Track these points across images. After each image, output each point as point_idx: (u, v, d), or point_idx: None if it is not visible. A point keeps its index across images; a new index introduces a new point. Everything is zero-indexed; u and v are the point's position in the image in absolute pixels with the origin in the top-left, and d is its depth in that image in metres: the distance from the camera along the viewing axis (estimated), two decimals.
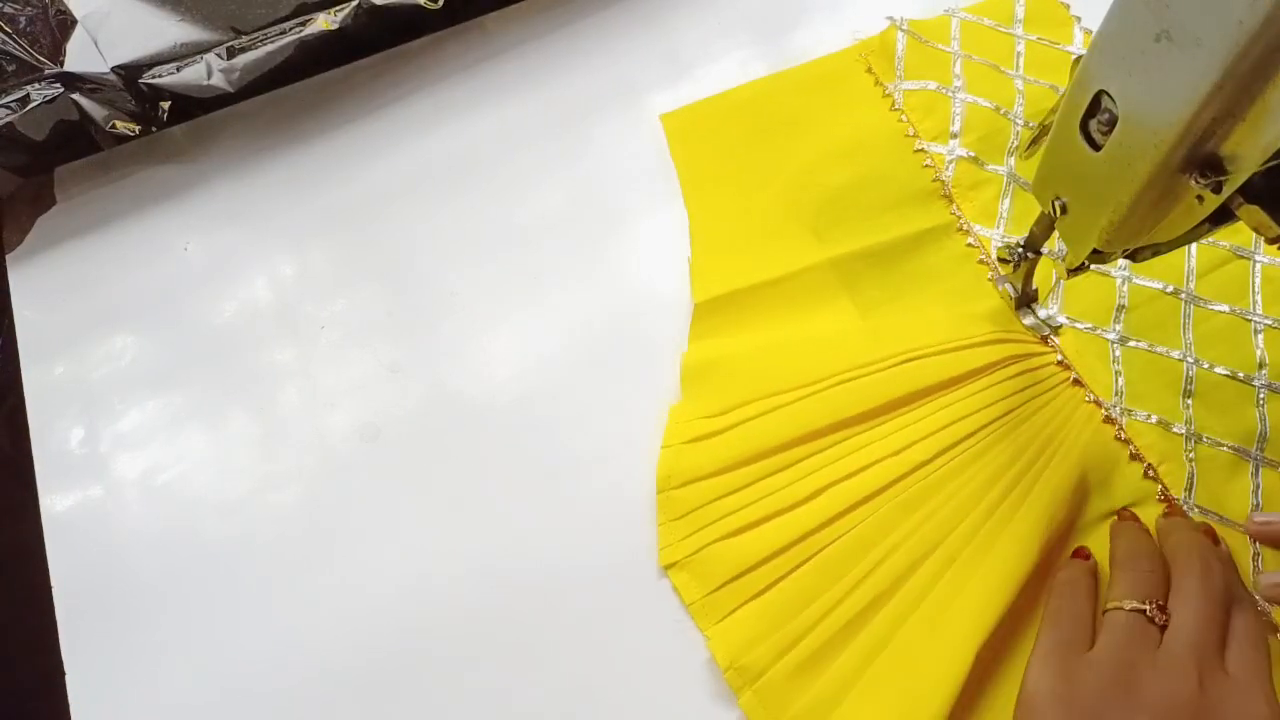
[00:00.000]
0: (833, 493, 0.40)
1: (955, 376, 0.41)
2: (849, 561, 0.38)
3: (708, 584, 0.39)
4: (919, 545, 0.38)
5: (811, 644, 0.37)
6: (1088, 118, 0.31)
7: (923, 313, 0.45)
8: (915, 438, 0.40)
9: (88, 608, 0.42)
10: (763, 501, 0.40)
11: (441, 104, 0.54)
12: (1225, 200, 0.29)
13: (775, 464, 0.41)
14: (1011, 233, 0.46)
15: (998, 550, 0.37)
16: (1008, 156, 0.48)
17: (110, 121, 0.49)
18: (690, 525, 0.40)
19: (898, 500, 0.39)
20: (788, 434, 0.41)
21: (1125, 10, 0.28)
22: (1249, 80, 0.26)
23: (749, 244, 0.48)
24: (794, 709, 0.36)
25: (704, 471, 0.41)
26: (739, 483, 0.41)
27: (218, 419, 0.46)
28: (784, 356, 0.44)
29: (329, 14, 0.50)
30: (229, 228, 0.51)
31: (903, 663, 0.36)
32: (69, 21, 0.49)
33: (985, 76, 0.51)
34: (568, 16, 0.56)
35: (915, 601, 0.37)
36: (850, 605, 0.37)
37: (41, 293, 0.50)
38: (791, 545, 0.39)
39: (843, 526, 0.39)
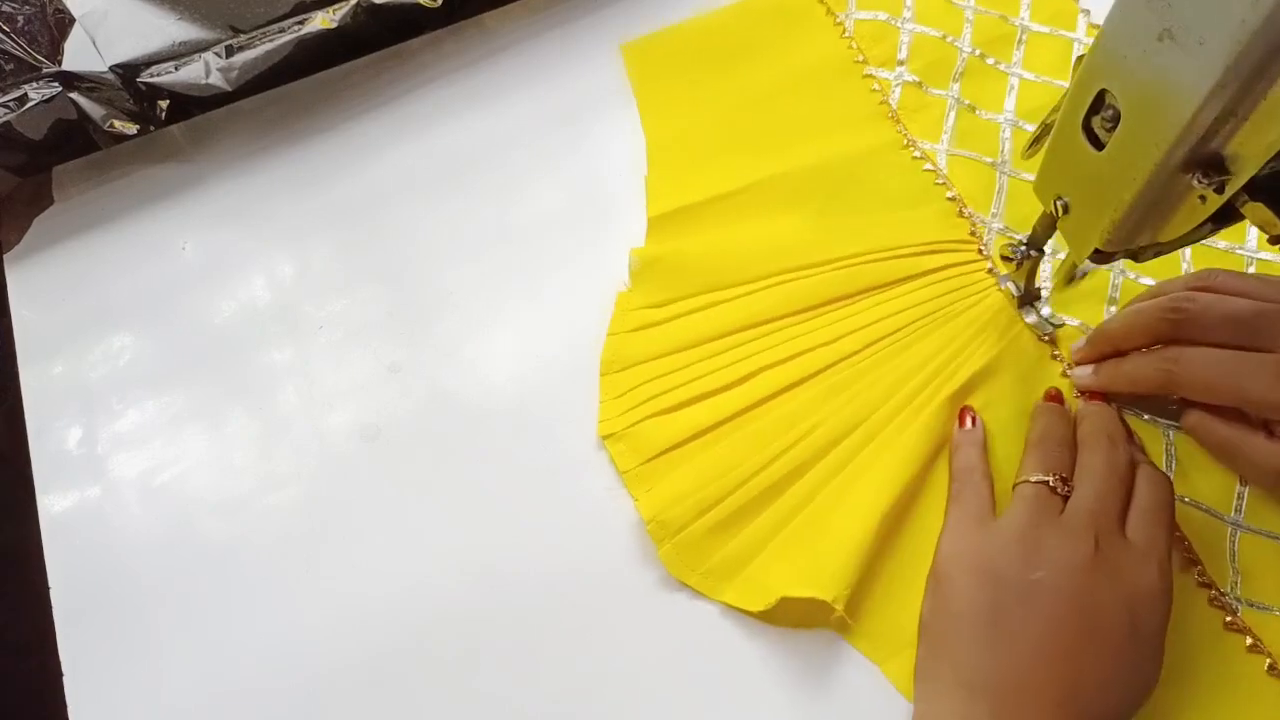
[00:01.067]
0: (764, 376, 0.42)
1: (892, 280, 0.44)
2: (774, 436, 0.41)
3: (641, 455, 0.42)
4: (841, 424, 0.41)
5: (731, 505, 0.39)
6: (1090, 116, 0.31)
7: (867, 219, 0.47)
8: (847, 330, 0.43)
9: (86, 608, 0.41)
10: (697, 382, 0.43)
11: (440, 103, 0.54)
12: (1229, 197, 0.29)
13: (712, 350, 0.43)
14: (957, 146, 0.49)
15: (912, 429, 0.40)
16: (952, 82, 0.51)
17: (108, 120, 0.48)
18: (628, 403, 0.43)
19: (825, 384, 0.42)
20: (727, 325, 0.44)
21: (1128, 9, 0.28)
22: (1251, 80, 0.26)
23: (703, 163, 0.50)
24: (710, 562, 0.39)
25: (645, 357, 0.44)
26: (676, 366, 0.43)
27: (216, 419, 0.46)
28: (730, 255, 0.46)
29: (327, 12, 0.50)
30: (227, 227, 0.51)
31: (814, 525, 0.39)
32: (67, 20, 0.49)
33: (935, 6, 0.53)
34: (567, 15, 0.56)
35: (832, 473, 0.40)
36: (771, 473, 0.40)
37: (39, 292, 0.50)
38: (722, 422, 0.41)
39: (770, 407, 0.42)
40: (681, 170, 0.50)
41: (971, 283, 0.44)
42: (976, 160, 0.48)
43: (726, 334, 0.43)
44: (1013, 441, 0.40)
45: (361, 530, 0.42)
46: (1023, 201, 0.46)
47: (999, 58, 0.52)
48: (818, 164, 0.48)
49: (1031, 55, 0.52)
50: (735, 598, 0.38)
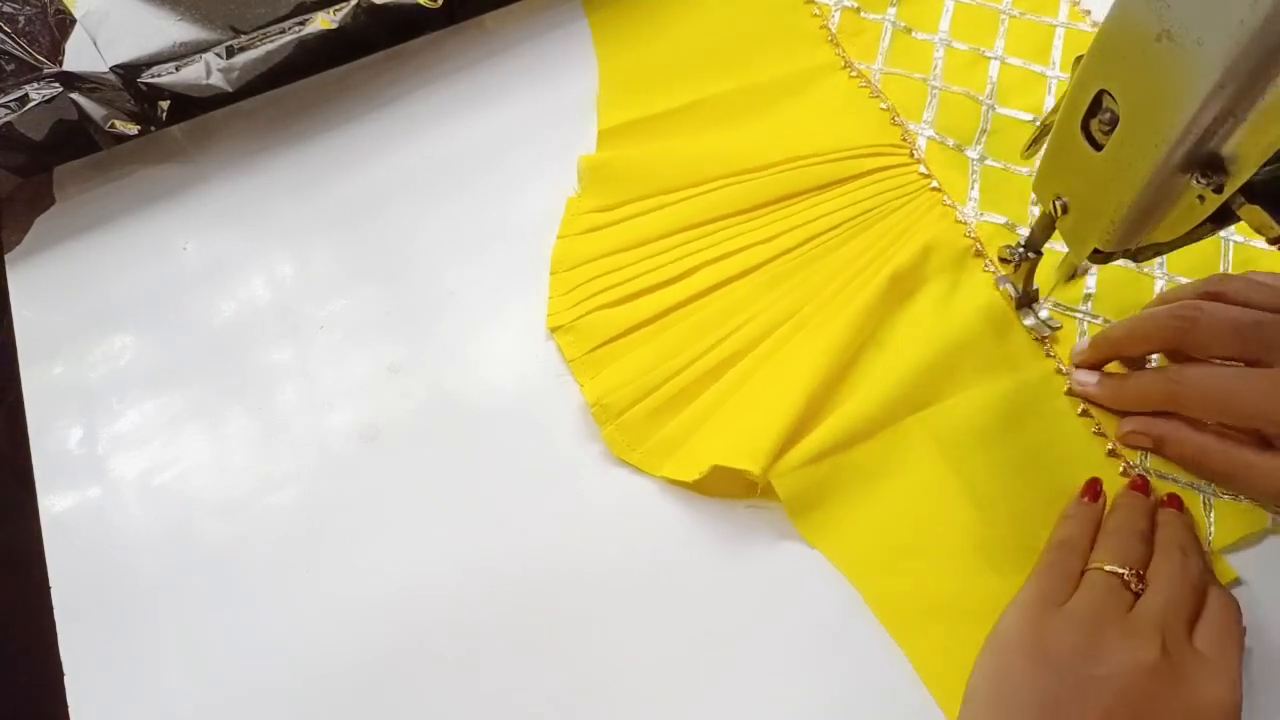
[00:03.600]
0: (706, 271, 0.45)
1: (827, 182, 0.47)
2: (713, 326, 0.44)
3: (587, 344, 0.45)
4: (776, 314, 0.44)
5: (671, 389, 0.43)
6: (1089, 117, 0.31)
7: (804, 128, 0.50)
8: (785, 229, 0.46)
9: (86, 608, 0.42)
10: (642, 278, 0.46)
11: (441, 103, 0.54)
12: (1226, 200, 0.29)
13: (656, 249, 0.46)
14: (891, 65, 0.52)
15: (842, 317, 0.43)
16: (890, 6, 0.54)
17: (109, 121, 0.48)
18: (576, 297, 0.46)
19: (763, 279, 0.45)
20: (671, 226, 0.47)
21: (1127, 10, 0.28)
22: (1250, 80, 0.26)
23: (652, 84, 0.52)
24: (650, 442, 0.42)
25: (592, 256, 0.47)
26: (622, 264, 0.46)
27: (216, 419, 0.46)
28: (675, 162, 0.49)
29: (328, 13, 0.50)
30: (228, 227, 0.51)
31: (747, 405, 0.41)
32: (68, 21, 0.49)
33: None
34: (568, 15, 0.56)
35: (766, 358, 0.43)
36: (709, 359, 0.43)
37: (40, 292, 0.50)
38: (664, 313, 0.45)
39: (710, 300, 0.45)
40: (632, 90, 0.52)
41: (903, 184, 0.47)
42: (909, 77, 0.52)
43: (670, 234, 0.46)
44: (936, 339, 0.43)
45: (361, 530, 0.43)
46: (953, 111, 0.50)
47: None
48: (760, 83, 0.51)
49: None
50: (672, 471, 0.41)
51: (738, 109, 0.51)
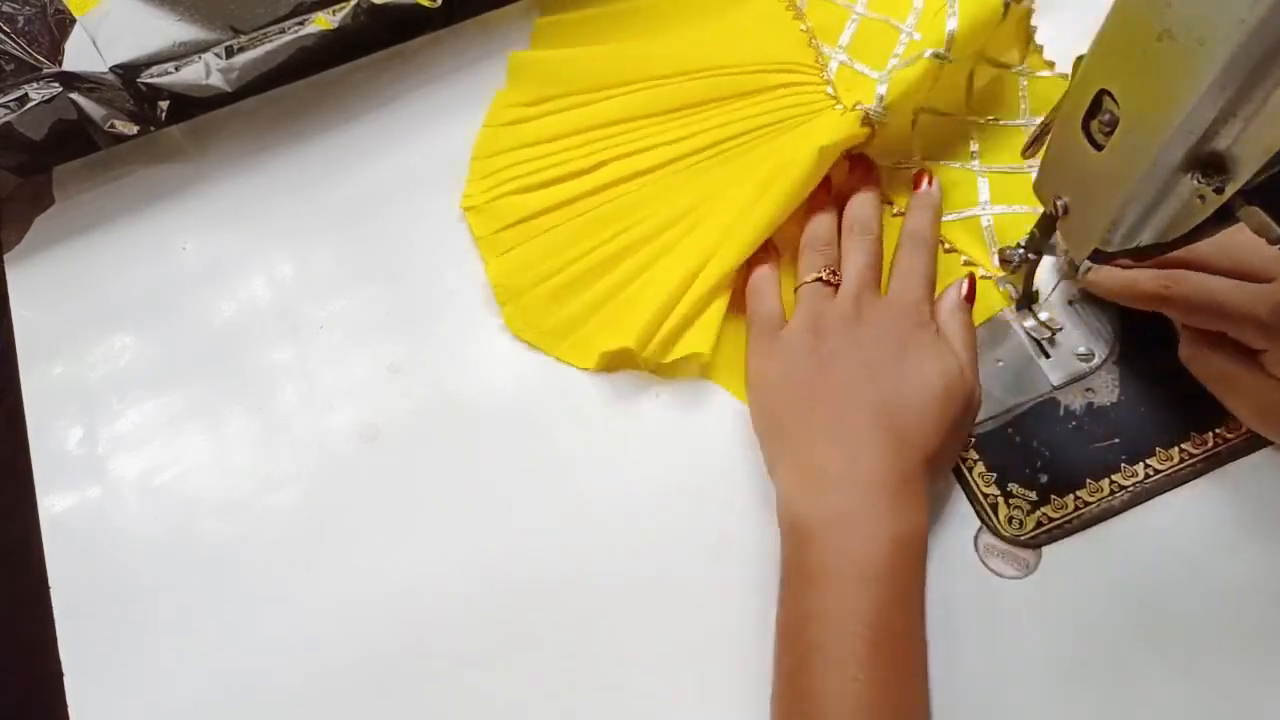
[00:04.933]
0: (614, 166, 0.48)
1: (739, 92, 0.49)
2: (616, 218, 0.47)
3: (495, 224, 0.47)
4: (673, 212, 0.46)
5: (570, 275, 0.46)
6: (1089, 117, 0.31)
7: (726, 42, 0.51)
8: (692, 133, 0.48)
9: (86, 608, 0.42)
10: (555, 168, 0.48)
11: (441, 103, 0.54)
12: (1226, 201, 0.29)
13: (571, 143, 0.48)
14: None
15: (734, 219, 0.45)
16: None
17: (109, 121, 0.48)
18: (491, 182, 0.49)
19: (666, 178, 0.47)
20: (587, 123, 0.49)
21: (1127, 9, 0.28)
22: (1251, 79, 0.26)
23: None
24: (547, 323, 0.45)
25: (511, 146, 0.49)
26: (538, 155, 0.49)
27: (216, 419, 0.46)
28: (598, 64, 0.51)
29: (328, 13, 0.50)
30: (228, 227, 0.51)
31: (638, 294, 0.45)
32: (67, 20, 0.49)
33: None
34: None
35: (660, 253, 0.46)
36: (607, 249, 0.46)
37: (40, 292, 0.50)
38: (571, 201, 0.47)
39: (616, 192, 0.47)
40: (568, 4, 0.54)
41: (809, 101, 0.49)
42: (834, 3, 0.52)
43: (586, 130, 0.49)
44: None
45: (361, 530, 0.43)
46: (871, 37, 0.50)
47: None
48: (690, 3, 0.53)
49: None
50: (567, 354, 0.45)
51: (668, 19, 0.52)
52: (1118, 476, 0.41)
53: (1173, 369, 0.43)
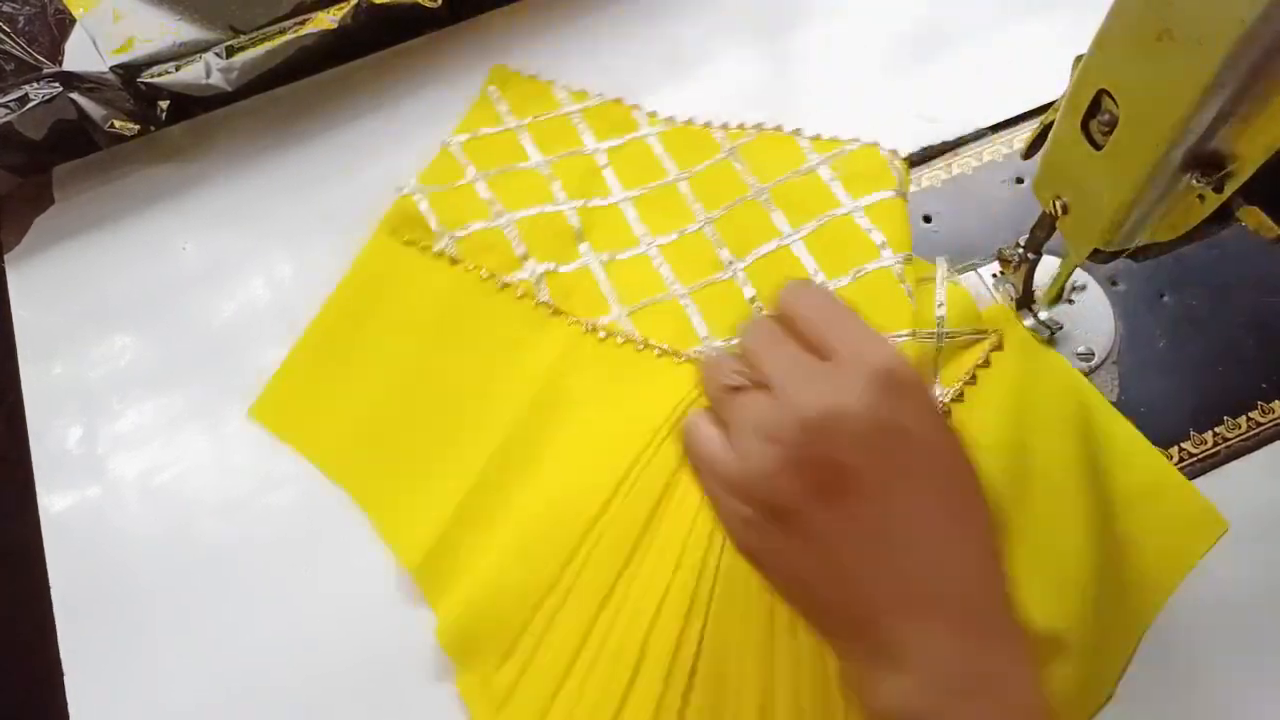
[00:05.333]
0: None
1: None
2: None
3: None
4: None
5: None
6: (1089, 117, 0.31)
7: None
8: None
9: (86, 607, 0.42)
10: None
11: (441, 103, 0.54)
12: (1226, 200, 0.29)
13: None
14: (625, 302, 0.45)
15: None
16: (579, 243, 0.47)
17: (109, 121, 0.48)
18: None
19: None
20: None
21: (1126, 9, 0.28)
22: (1250, 79, 0.26)
23: (414, 482, 0.43)
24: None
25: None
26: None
27: (216, 419, 0.46)
28: (510, 567, 0.40)
29: (328, 13, 0.50)
30: (228, 227, 0.51)
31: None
32: (67, 20, 0.49)
33: (517, 182, 0.49)
34: (567, 15, 0.56)
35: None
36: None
37: (40, 292, 0.50)
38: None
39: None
40: (402, 505, 0.43)
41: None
42: (657, 303, 0.45)
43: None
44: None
45: (359, 530, 0.42)
46: (724, 304, 0.44)
47: (599, 193, 0.48)
48: (522, 411, 0.43)
49: (621, 172, 0.49)
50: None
51: (514, 461, 0.42)
52: None
53: (1172, 369, 0.43)
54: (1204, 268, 0.45)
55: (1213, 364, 0.43)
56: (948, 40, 0.54)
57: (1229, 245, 0.45)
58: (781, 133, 0.49)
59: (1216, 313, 0.44)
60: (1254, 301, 0.44)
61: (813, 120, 0.50)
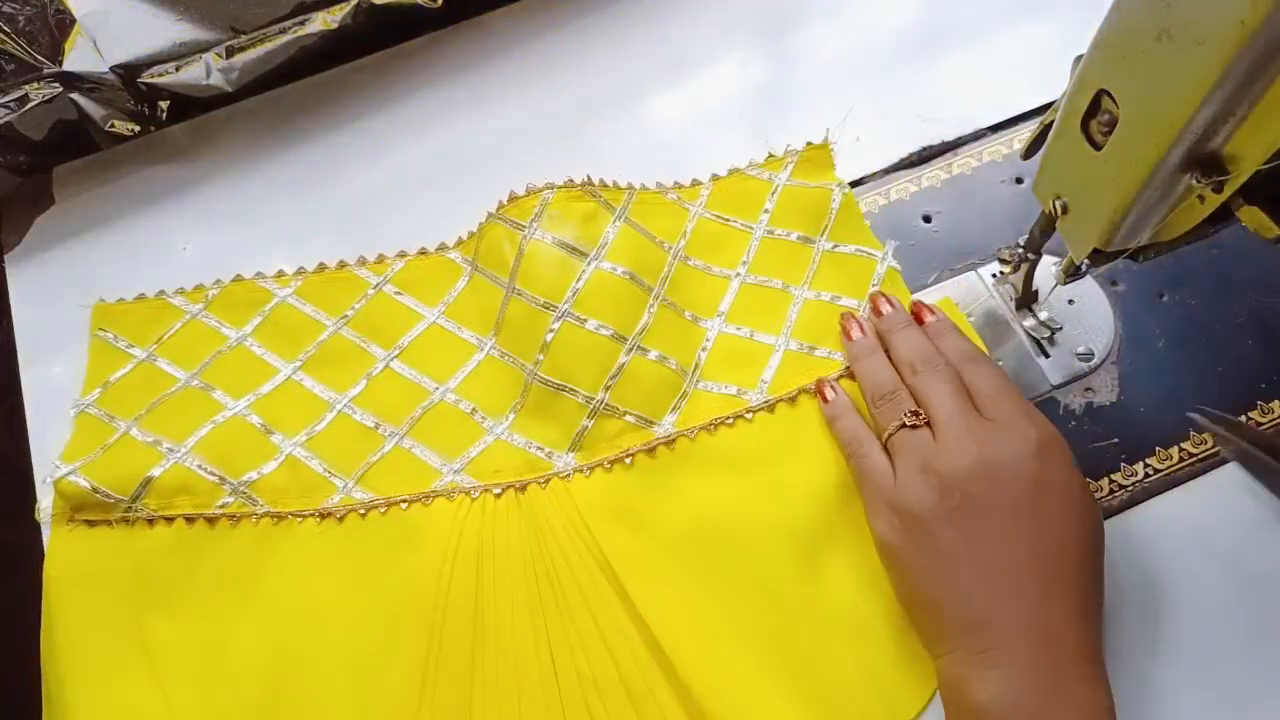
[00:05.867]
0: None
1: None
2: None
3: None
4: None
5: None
6: (1088, 117, 0.31)
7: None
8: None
9: None
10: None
11: (441, 103, 0.54)
12: (1225, 200, 0.29)
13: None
14: (345, 473, 0.42)
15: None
16: (270, 436, 0.43)
17: (109, 121, 0.48)
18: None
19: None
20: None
21: (1126, 10, 0.28)
22: (1249, 79, 0.26)
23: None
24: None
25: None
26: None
27: None
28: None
29: (328, 13, 0.50)
30: (228, 227, 0.51)
31: None
32: (68, 21, 0.49)
33: (170, 411, 0.44)
34: (568, 16, 0.56)
35: None
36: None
37: (40, 292, 0.50)
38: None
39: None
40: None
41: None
42: (383, 458, 0.43)
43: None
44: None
45: None
46: (444, 427, 0.43)
47: (264, 378, 0.45)
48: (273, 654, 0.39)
49: (276, 347, 0.46)
50: None
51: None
52: (1117, 476, 0.41)
53: (1172, 368, 0.43)
54: (1204, 268, 0.45)
55: (1212, 364, 0.43)
56: (948, 40, 0.54)
57: (1229, 245, 0.45)
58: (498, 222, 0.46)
59: (1216, 313, 0.44)
60: (1254, 301, 0.44)
61: (813, 119, 0.50)
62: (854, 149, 0.50)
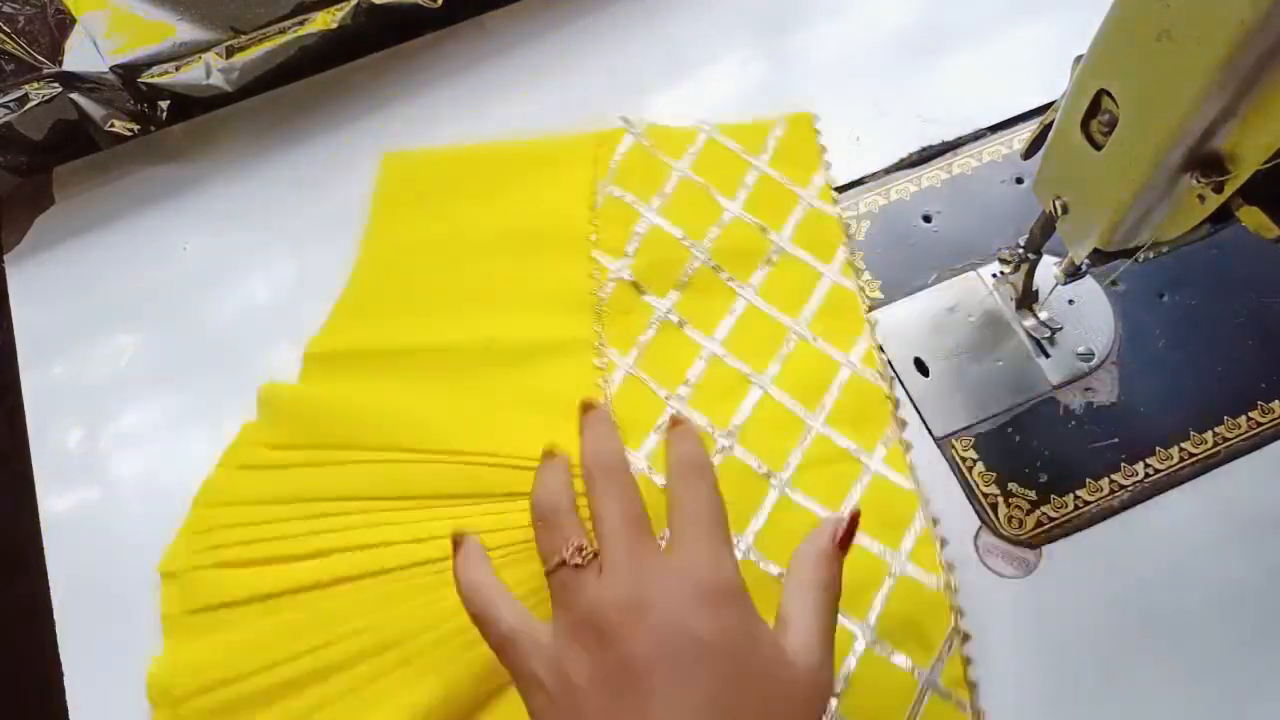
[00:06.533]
0: (337, 558, 0.39)
1: (503, 491, 0.40)
2: (314, 629, 0.38)
3: (188, 604, 0.40)
4: (381, 638, 0.38)
5: (242, 690, 0.37)
6: (1089, 117, 0.31)
7: (511, 417, 0.42)
8: (435, 534, 0.39)
9: (86, 608, 0.42)
10: (267, 543, 0.40)
11: (441, 103, 0.54)
12: (1225, 200, 0.29)
13: (301, 511, 0.40)
14: (642, 366, 0.44)
15: (453, 665, 0.37)
16: (672, 290, 0.46)
17: (109, 121, 0.48)
18: (203, 542, 0.40)
19: (390, 586, 0.39)
20: (328, 490, 0.41)
21: (1126, 9, 0.28)
22: (1250, 79, 0.26)
23: (394, 309, 0.46)
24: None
25: (237, 499, 0.41)
26: (257, 519, 0.40)
27: (217, 419, 0.45)
28: (363, 417, 0.42)
29: (328, 13, 0.50)
30: (228, 227, 0.51)
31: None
32: (68, 20, 0.49)
33: (695, 201, 0.48)
34: (568, 15, 0.56)
35: (354, 686, 0.37)
36: (295, 667, 0.37)
37: (40, 292, 0.50)
38: (274, 595, 0.39)
39: (330, 594, 0.39)
40: (369, 309, 0.47)
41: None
42: (650, 388, 0.44)
43: (324, 499, 0.41)
44: None
45: None
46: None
47: (734, 274, 0.46)
48: (499, 343, 0.44)
49: (772, 282, 0.46)
50: None
51: (460, 369, 0.44)
52: (1117, 476, 0.41)
53: (1172, 368, 0.43)
54: (1204, 268, 0.45)
55: (1212, 364, 0.43)
56: (948, 40, 0.54)
57: (1229, 245, 0.46)
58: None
59: (1216, 313, 0.44)
60: (1254, 301, 0.44)
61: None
62: (854, 149, 0.50)
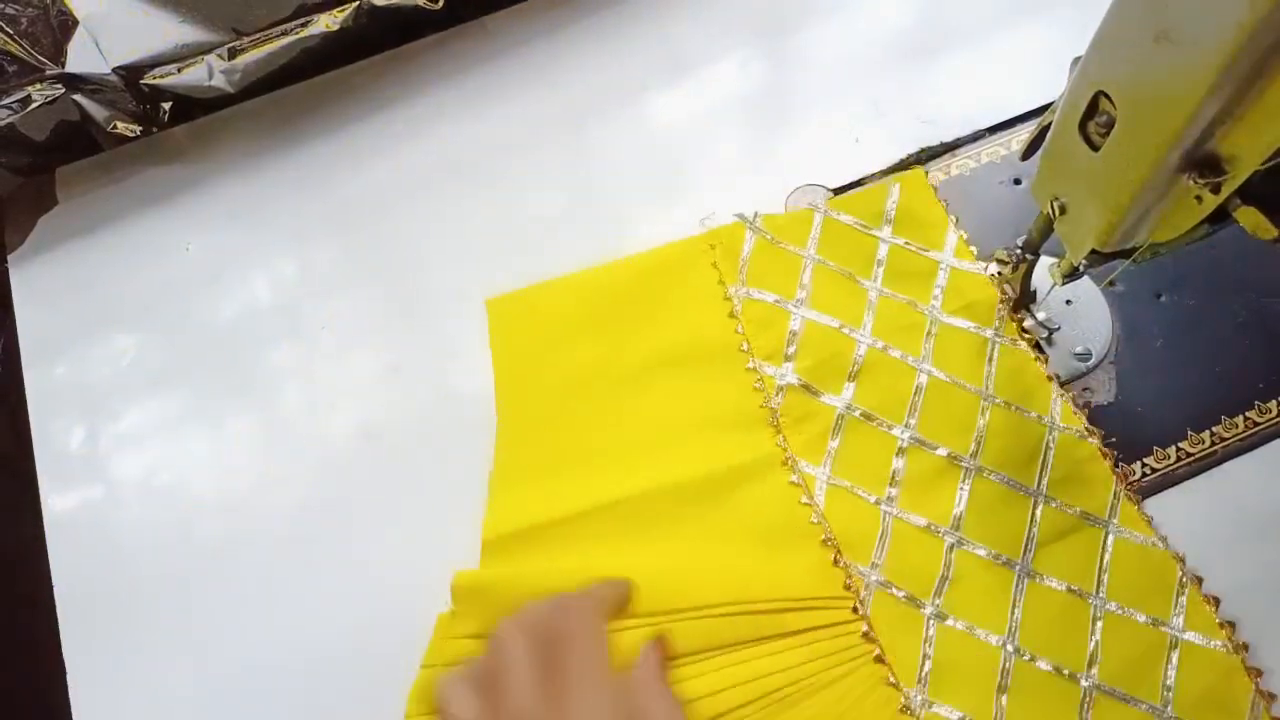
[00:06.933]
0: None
1: (751, 638, 0.38)
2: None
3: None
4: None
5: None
6: (1086, 118, 0.32)
7: (728, 561, 0.40)
8: (693, 695, 0.36)
9: (88, 607, 0.42)
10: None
11: (442, 104, 0.54)
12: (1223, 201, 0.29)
13: None
14: (840, 473, 0.42)
15: None
16: (847, 383, 0.43)
17: (111, 122, 0.49)
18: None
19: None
20: None
21: (1124, 10, 0.28)
22: (1248, 80, 0.26)
23: (556, 467, 0.43)
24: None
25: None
26: None
27: (218, 419, 0.46)
28: (568, 587, 0.38)
29: (330, 15, 0.50)
30: (230, 228, 0.51)
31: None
32: (70, 22, 0.49)
33: (836, 285, 0.46)
34: (568, 16, 0.56)
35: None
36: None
37: (43, 293, 0.50)
38: None
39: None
40: (529, 478, 0.43)
41: (842, 648, 0.38)
42: (858, 496, 0.41)
43: None
44: None
45: (361, 529, 0.43)
46: (908, 548, 0.40)
47: (905, 350, 0.44)
48: (682, 481, 0.42)
49: (943, 350, 0.44)
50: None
51: (654, 517, 0.41)
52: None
53: (1170, 368, 0.43)
54: (1202, 268, 0.45)
55: (1210, 364, 0.43)
56: (947, 40, 0.54)
57: (1227, 245, 0.45)
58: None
59: (1214, 313, 0.44)
60: (1252, 301, 0.44)
61: (811, 119, 0.50)
62: (854, 150, 0.50)
